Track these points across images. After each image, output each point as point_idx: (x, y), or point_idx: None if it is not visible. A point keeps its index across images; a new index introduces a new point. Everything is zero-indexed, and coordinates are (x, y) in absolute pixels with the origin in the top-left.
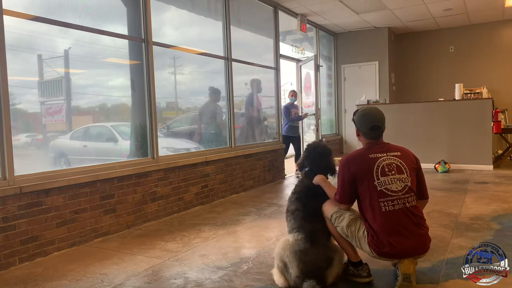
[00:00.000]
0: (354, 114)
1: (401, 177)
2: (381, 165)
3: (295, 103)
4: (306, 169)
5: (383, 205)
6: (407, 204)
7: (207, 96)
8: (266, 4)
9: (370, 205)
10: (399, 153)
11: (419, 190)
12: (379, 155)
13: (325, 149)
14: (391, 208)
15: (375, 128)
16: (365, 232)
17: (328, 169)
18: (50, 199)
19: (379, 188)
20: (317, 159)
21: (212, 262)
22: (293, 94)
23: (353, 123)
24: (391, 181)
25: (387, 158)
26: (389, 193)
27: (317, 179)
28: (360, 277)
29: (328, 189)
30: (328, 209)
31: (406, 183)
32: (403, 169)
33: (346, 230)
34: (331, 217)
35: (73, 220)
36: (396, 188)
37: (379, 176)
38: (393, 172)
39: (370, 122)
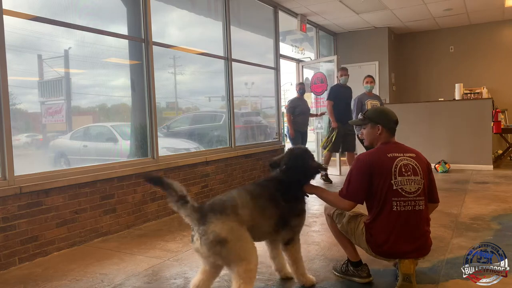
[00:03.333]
0: (364, 114)
1: (416, 178)
2: (399, 165)
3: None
4: (283, 167)
5: (395, 204)
6: (416, 207)
7: (207, 96)
8: (266, 4)
9: (380, 203)
10: (414, 155)
11: (430, 193)
12: (397, 154)
13: (302, 151)
14: (402, 208)
15: (397, 123)
16: (364, 230)
17: (304, 172)
18: (50, 199)
19: (394, 187)
20: (294, 160)
21: None
22: (371, 80)
23: (367, 122)
24: (407, 181)
25: (404, 159)
26: (403, 193)
27: (310, 189)
28: (360, 277)
29: (326, 193)
30: (330, 208)
31: (419, 186)
32: (418, 171)
33: (346, 227)
34: (333, 215)
35: (73, 220)
36: (410, 189)
37: (397, 175)
38: (409, 173)
39: (393, 117)
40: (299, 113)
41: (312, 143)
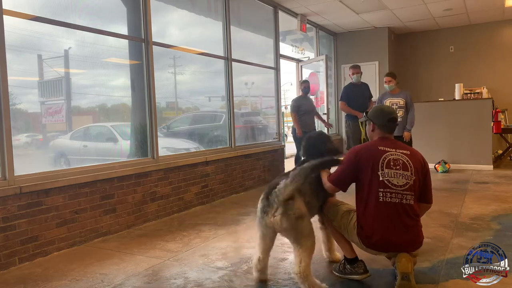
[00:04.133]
0: (366, 113)
1: (405, 173)
2: (388, 158)
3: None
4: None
5: (381, 195)
6: (404, 200)
7: (207, 96)
8: (266, 4)
9: (367, 194)
10: (408, 152)
11: (423, 193)
12: (388, 149)
13: (316, 137)
14: (388, 199)
15: (392, 120)
16: (356, 224)
17: (322, 154)
18: (50, 199)
19: (381, 178)
20: (312, 146)
21: (212, 262)
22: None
23: (365, 121)
24: (394, 174)
25: (395, 154)
26: (389, 185)
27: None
28: (357, 274)
29: (324, 174)
30: (326, 206)
31: (408, 181)
32: (409, 167)
33: (339, 222)
34: (328, 213)
35: (73, 220)
36: (398, 182)
37: (384, 167)
38: (397, 167)
39: (388, 115)
40: (303, 112)
41: None
